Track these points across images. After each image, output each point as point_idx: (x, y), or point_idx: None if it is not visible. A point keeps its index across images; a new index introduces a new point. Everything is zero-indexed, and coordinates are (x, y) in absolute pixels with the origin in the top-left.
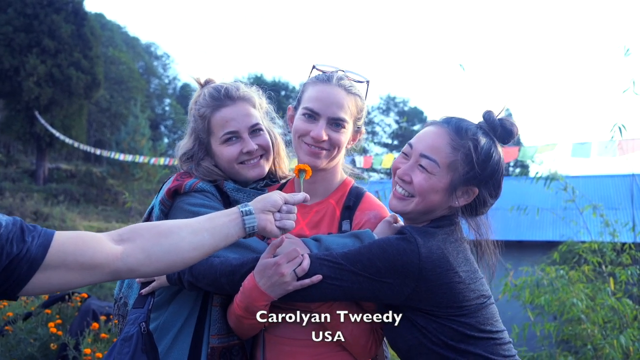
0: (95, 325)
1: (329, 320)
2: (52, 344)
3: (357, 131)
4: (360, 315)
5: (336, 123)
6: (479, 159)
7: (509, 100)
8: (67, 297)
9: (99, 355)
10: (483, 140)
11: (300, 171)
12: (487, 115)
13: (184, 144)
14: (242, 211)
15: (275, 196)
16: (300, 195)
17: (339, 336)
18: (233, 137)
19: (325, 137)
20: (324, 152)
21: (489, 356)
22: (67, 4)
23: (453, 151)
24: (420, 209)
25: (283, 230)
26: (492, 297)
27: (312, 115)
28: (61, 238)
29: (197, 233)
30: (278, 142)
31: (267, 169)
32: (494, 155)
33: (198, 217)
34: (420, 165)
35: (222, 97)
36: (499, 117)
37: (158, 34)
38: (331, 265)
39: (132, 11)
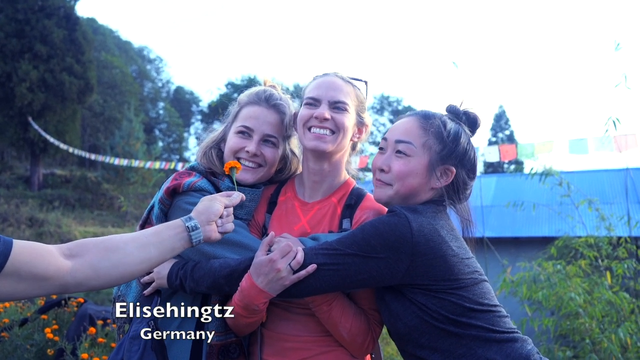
0: (92, 329)
1: (326, 317)
2: (49, 350)
3: (361, 123)
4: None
5: (337, 106)
6: (449, 136)
7: (469, 98)
8: (63, 302)
9: (96, 359)
10: (450, 122)
11: (230, 168)
12: (450, 107)
13: (214, 132)
14: (187, 227)
15: (217, 205)
16: (237, 196)
17: (337, 334)
18: (246, 131)
19: (328, 116)
20: (329, 135)
21: (492, 327)
22: (58, 9)
23: (424, 132)
24: (403, 193)
25: (224, 233)
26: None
27: (313, 103)
28: (18, 247)
29: (143, 247)
30: (294, 166)
31: (257, 179)
32: (462, 135)
33: (145, 230)
34: (398, 151)
35: (262, 97)
36: (462, 108)
37: (151, 37)
38: (326, 253)
39: (124, 15)
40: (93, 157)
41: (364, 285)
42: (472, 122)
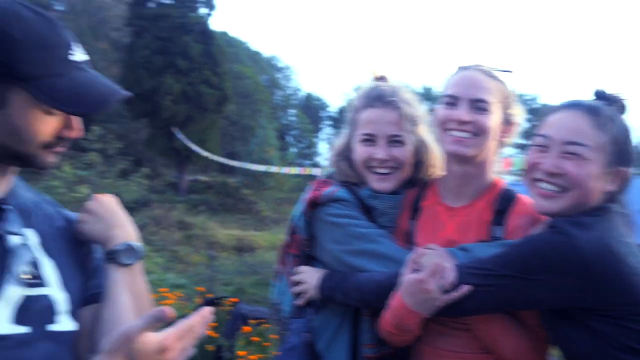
0: (246, 328)
1: (486, 335)
2: (207, 345)
3: (508, 121)
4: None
5: (478, 106)
6: (620, 134)
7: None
8: (217, 300)
9: (252, 357)
10: (617, 117)
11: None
12: (600, 92)
13: (339, 140)
14: None
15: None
16: None
17: (499, 353)
18: (369, 139)
19: (467, 119)
20: (470, 138)
21: None
22: (195, 24)
23: (598, 132)
24: (576, 202)
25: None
26: None
27: (452, 102)
28: None
29: None
30: (430, 152)
31: (396, 184)
32: (629, 130)
33: None
34: (569, 153)
35: (374, 97)
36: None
37: (278, 47)
38: (480, 273)
39: (252, 27)
40: (233, 163)
41: (523, 308)
42: (621, 109)
